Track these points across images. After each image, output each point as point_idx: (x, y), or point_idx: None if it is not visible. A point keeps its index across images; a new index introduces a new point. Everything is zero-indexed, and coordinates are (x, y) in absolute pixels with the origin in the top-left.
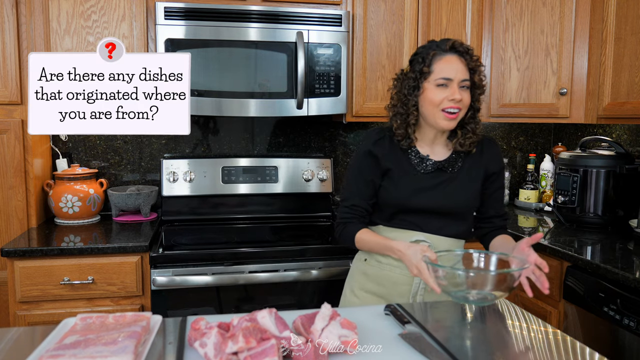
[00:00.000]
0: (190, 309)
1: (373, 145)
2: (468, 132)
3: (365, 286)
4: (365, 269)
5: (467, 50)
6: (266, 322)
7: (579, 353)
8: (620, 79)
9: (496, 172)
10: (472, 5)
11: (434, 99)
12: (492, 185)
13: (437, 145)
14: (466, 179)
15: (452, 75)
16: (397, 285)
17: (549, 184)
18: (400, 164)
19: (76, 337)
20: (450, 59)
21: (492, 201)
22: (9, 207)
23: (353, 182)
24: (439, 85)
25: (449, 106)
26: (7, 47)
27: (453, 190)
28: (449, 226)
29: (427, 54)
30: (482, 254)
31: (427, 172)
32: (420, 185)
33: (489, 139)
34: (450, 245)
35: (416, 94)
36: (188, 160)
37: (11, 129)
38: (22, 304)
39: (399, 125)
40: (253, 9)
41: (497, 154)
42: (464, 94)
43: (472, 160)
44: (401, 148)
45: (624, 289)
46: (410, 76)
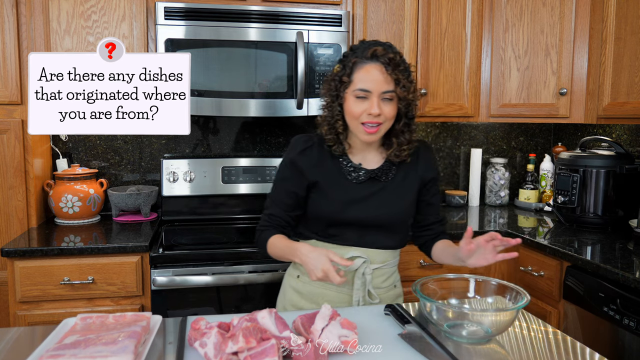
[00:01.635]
0: (190, 309)
1: (298, 156)
2: (403, 144)
3: (298, 304)
4: (297, 287)
5: (390, 61)
6: (266, 322)
7: (579, 353)
8: (620, 79)
9: (432, 179)
10: (472, 5)
11: (353, 111)
12: (428, 192)
13: (369, 152)
14: (401, 188)
15: (371, 87)
16: (332, 304)
17: (548, 184)
18: (330, 175)
19: (76, 337)
20: (371, 69)
21: (430, 208)
22: (9, 207)
23: (275, 191)
24: (358, 97)
25: (368, 121)
26: (7, 47)
27: (387, 200)
28: (385, 238)
29: (348, 61)
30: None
31: (360, 182)
32: (352, 197)
33: (424, 144)
34: (386, 257)
35: (339, 102)
36: (188, 160)
37: (11, 129)
38: (22, 304)
39: (327, 131)
40: (253, 9)
41: (432, 159)
42: (386, 107)
43: (407, 168)
44: (333, 155)
45: (624, 289)
46: (332, 84)
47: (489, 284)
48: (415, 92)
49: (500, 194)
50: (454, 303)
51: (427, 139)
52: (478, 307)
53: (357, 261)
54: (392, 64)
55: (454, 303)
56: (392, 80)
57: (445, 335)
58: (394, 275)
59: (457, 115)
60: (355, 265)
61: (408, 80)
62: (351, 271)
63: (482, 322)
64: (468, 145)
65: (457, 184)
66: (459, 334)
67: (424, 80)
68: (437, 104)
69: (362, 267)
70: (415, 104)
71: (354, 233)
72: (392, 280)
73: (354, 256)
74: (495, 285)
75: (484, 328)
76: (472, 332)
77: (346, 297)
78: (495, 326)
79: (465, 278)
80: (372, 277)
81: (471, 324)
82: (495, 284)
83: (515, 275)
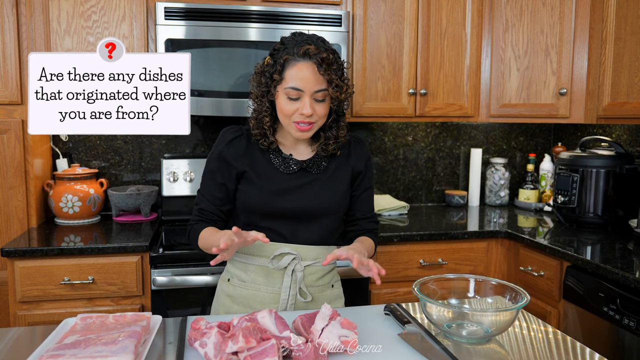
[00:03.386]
0: (190, 309)
1: (226, 147)
2: (330, 138)
3: (231, 309)
4: (228, 291)
5: (323, 60)
6: (266, 322)
7: (579, 353)
8: (620, 79)
9: (362, 172)
10: (472, 5)
11: (284, 109)
12: (359, 186)
13: (299, 145)
14: (332, 180)
15: (303, 86)
16: (264, 305)
17: (548, 184)
18: (259, 165)
19: (76, 337)
20: (303, 67)
21: (359, 203)
22: (9, 207)
23: (204, 185)
24: (290, 97)
25: (300, 120)
26: (7, 47)
27: (319, 191)
28: (317, 233)
29: (279, 57)
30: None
31: (290, 173)
32: (282, 187)
33: (357, 140)
34: (319, 254)
35: (269, 98)
36: (188, 160)
37: (11, 129)
38: (22, 304)
39: (254, 126)
40: (253, 9)
41: (364, 153)
42: (318, 105)
43: (339, 161)
44: (261, 148)
45: (624, 289)
46: (262, 79)
47: (489, 284)
48: (347, 91)
49: (500, 194)
50: (454, 303)
51: (427, 139)
52: (478, 307)
53: (286, 258)
54: (324, 63)
55: (454, 303)
56: (325, 80)
57: (445, 335)
58: (330, 274)
59: (457, 115)
60: (283, 263)
61: (341, 80)
62: (279, 269)
63: (482, 322)
64: (468, 145)
65: (457, 184)
66: (458, 334)
67: (424, 80)
68: (437, 104)
69: (292, 265)
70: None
71: (285, 228)
72: (328, 280)
73: (283, 253)
74: (495, 285)
75: (484, 328)
76: (472, 332)
77: (278, 297)
78: (495, 326)
79: (465, 278)
80: (304, 275)
81: (471, 324)
82: (495, 284)
83: (515, 275)
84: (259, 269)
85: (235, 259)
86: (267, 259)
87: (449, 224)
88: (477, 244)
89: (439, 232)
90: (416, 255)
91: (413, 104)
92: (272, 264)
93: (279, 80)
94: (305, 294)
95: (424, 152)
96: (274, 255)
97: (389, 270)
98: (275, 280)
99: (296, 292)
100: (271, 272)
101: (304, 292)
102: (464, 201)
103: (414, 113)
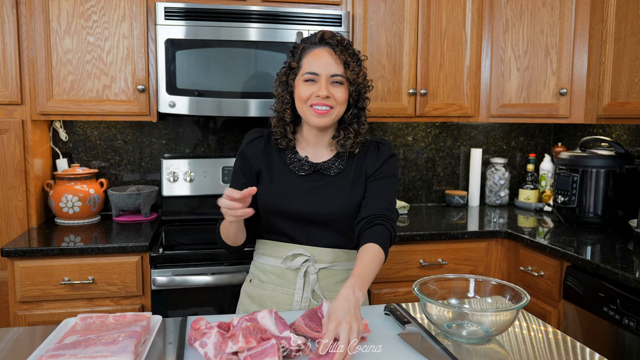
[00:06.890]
0: (190, 309)
1: (247, 146)
2: (350, 133)
3: (249, 308)
4: (249, 291)
5: (339, 42)
6: (266, 322)
7: (579, 353)
8: (620, 79)
9: (373, 174)
10: (472, 5)
11: (301, 94)
12: (374, 183)
13: (319, 147)
14: (346, 184)
15: (319, 69)
16: (279, 305)
17: (548, 184)
18: (274, 165)
19: (76, 337)
20: (319, 53)
21: (371, 199)
22: (9, 207)
23: (232, 183)
24: (306, 81)
25: (316, 102)
26: (7, 47)
27: (329, 195)
28: (331, 236)
29: (297, 49)
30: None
31: (302, 175)
32: (292, 188)
33: (378, 142)
34: (336, 257)
35: (289, 91)
36: (188, 160)
37: (11, 129)
38: (22, 304)
39: (276, 124)
40: (253, 9)
41: (381, 158)
42: (335, 90)
43: (356, 165)
44: (279, 148)
45: (624, 289)
46: (282, 74)
47: (489, 284)
48: (365, 79)
49: (500, 194)
50: (454, 303)
51: (427, 139)
52: (478, 307)
53: (298, 259)
54: (340, 46)
55: (454, 303)
56: (341, 62)
57: (445, 335)
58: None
59: (457, 115)
60: (295, 264)
61: (357, 64)
62: (292, 270)
63: (482, 322)
64: (468, 145)
65: (457, 184)
66: (459, 334)
67: (424, 80)
68: (437, 104)
69: (304, 266)
70: (366, 92)
71: (298, 230)
72: None
73: (296, 254)
74: (495, 285)
75: (484, 328)
76: (472, 332)
77: (291, 299)
78: (495, 326)
79: (465, 278)
80: (320, 278)
81: (471, 324)
82: (495, 283)
83: (515, 275)
84: (274, 269)
85: (255, 260)
86: (282, 259)
87: (449, 224)
88: (477, 244)
89: (439, 232)
90: (416, 255)
91: (413, 104)
92: (284, 264)
93: (297, 68)
94: (318, 296)
95: (424, 152)
96: (286, 255)
97: (389, 270)
98: (290, 281)
99: (309, 295)
100: (286, 273)
101: (317, 294)
102: (464, 201)
103: (414, 113)
